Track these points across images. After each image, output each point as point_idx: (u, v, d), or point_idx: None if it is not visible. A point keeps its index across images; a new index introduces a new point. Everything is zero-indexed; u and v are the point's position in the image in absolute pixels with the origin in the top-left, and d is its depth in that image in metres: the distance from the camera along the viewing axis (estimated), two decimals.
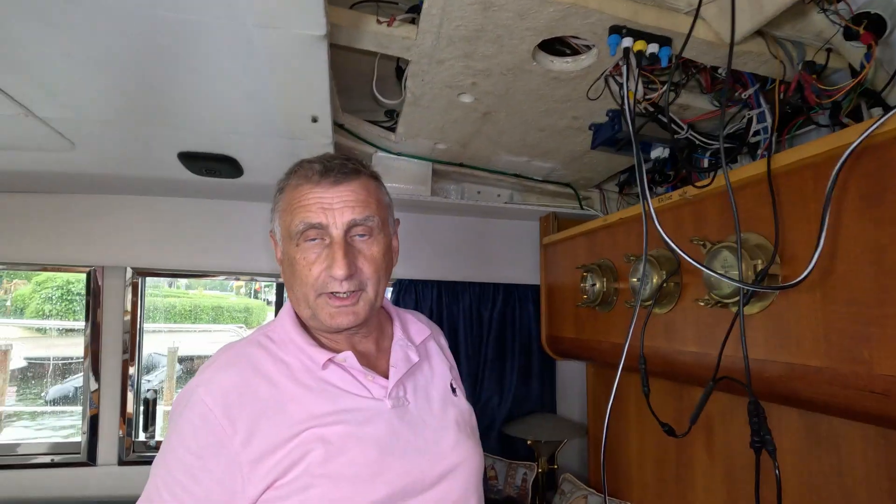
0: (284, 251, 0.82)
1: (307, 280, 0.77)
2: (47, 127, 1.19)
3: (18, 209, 1.71)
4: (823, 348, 0.80)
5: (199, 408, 0.70)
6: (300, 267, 0.78)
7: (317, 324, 0.81)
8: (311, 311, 0.79)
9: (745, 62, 0.97)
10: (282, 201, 0.82)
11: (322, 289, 0.77)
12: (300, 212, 0.78)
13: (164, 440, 0.74)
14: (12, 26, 0.81)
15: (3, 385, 6.81)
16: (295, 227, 0.78)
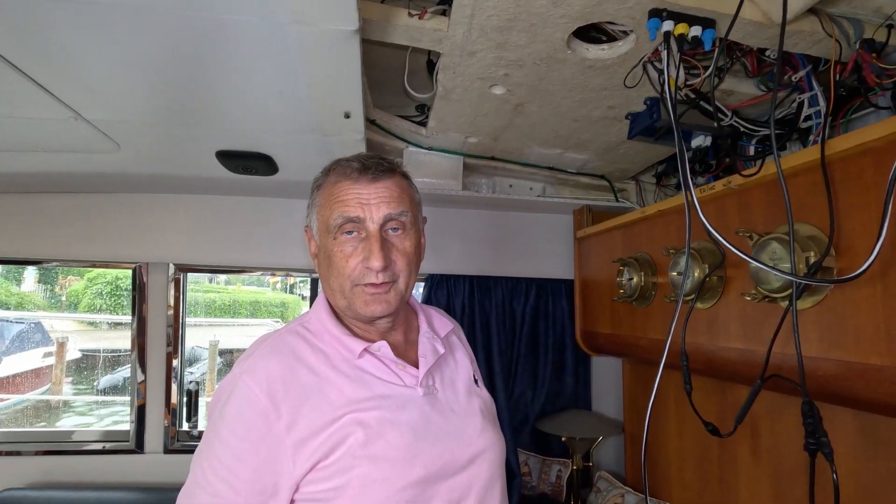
0: (321, 245, 0.86)
1: (344, 271, 0.82)
2: (95, 129, 1.24)
3: (67, 209, 1.79)
4: (885, 345, 0.75)
5: (245, 394, 0.74)
6: (337, 259, 0.82)
7: (352, 314, 0.85)
8: (346, 302, 0.83)
9: (796, 42, 0.92)
10: (319, 197, 0.86)
11: (358, 280, 0.81)
12: (339, 206, 0.82)
13: (208, 430, 0.76)
14: (64, 35, 0.84)
15: (60, 375, 7.22)
16: (333, 220, 0.82)
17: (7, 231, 1.76)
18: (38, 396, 6.87)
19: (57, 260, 1.84)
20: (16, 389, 6.58)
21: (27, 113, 1.15)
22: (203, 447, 0.75)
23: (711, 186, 1.12)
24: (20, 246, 1.77)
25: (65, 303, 10.29)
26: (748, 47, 1.00)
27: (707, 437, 1.07)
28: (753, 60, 1.04)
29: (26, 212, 1.77)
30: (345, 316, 0.87)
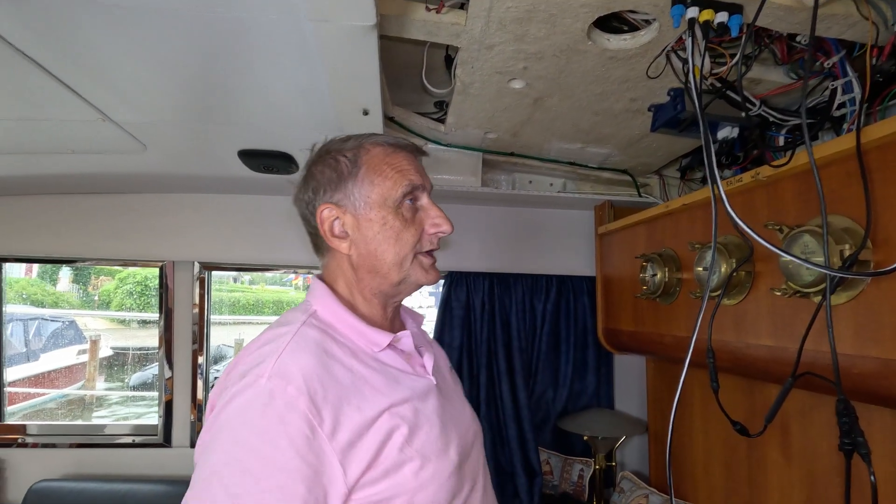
0: (370, 219, 0.79)
1: (408, 242, 0.80)
2: (122, 130, 1.27)
3: (97, 209, 1.85)
4: None
5: (282, 399, 0.63)
6: (400, 230, 0.79)
7: (402, 288, 0.83)
8: (401, 276, 0.81)
9: (829, 27, 0.88)
10: (363, 168, 0.80)
11: (420, 248, 0.81)
12: (401, 175, 0.80)
13: (231, 454, 0.61)
14: (93, 38, 0.86)
15: (94, 371, 7.47)
16: (398, 190, 0.79)
17: (40, 231, 1.83)
18: (73, 392, 7.12)
19: (87, 259, 1.89)
20: (52, 385, 6.84)
21: (58, 115, 1.19)
22: (225, 465, 0.61)
23: (739, 179, 1.08)
24: (53, 245, 1.84)
25: (97, 302, 10.65)
26: (777, 33, 0.97)
27: (735, 437, 1.04)
28: (783, 47, 1.00)
29: (58, 212, 1.83)
30: (359, 304, 0.83)
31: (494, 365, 1.93)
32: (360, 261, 0.81)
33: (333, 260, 0.84)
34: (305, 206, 0.85)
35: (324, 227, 0.81)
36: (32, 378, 6.51)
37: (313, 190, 0.83)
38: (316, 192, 0.82)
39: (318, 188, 0.82)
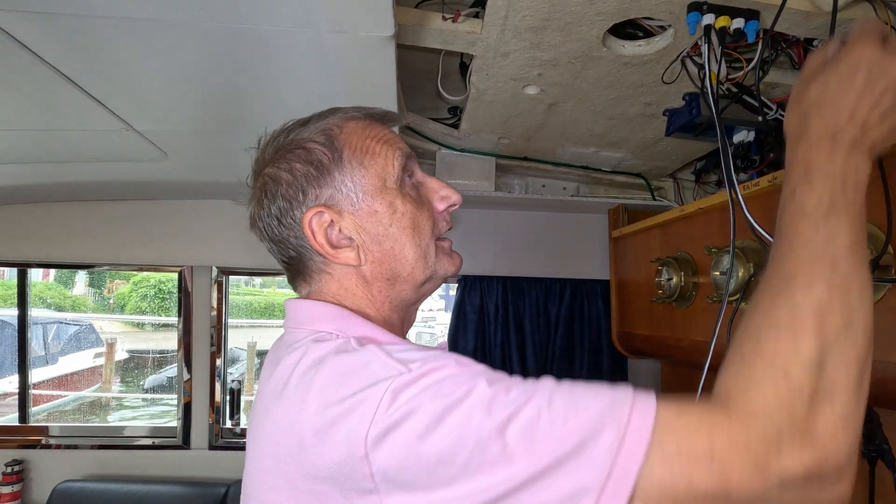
0: (377, 209, 0.62)
1: (426, 227, 0.64)
2: (144, 139, 1.30)
3: (117, 215, 1.89)
4: None
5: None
6: (414, 214, 0.63)
7: (428, 288, 0.67)
8: (427, 273, 0.64)
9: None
10: (345, 150, 0.62)
11: (438, 232, 0.66)
12: (388, 147, 0.63)
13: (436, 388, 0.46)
14: (119, 51, 0.89)
15: (110, 374, 7.60)
16: (393, 164, 0.63)
17: (63, 237, 1.87)
18: (90, 394, 7.25)
19: (108, 264, 1.94)
20: (71, 387, 6.97)
21: (82, 125, 1.22)
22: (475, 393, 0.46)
23: (756, 182, 1.08)
24: (76, 251, 1.88)
25: (112, 305, 10.83)
26: (794, 38, 0.97)
27: None
28: (800, 51, 1.00)
29: (79, 218, 1.88)
30: (379, 326, 0.62)
31: (508, 369, 1.93)
32: (375, 269, 0.62)
33: (332, 281, 0.63)
34: (277, 223, 0.63)
35: (317, 240, 0.60)
36: (51, 381, 6.64)
37: (285, 197, 0.62)
38: (291, 198, 0.61)
39: (293, 192, 0.61)
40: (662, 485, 0.42)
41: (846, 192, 0.48)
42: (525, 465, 0.42)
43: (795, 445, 0.42)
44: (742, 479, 0.41)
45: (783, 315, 0.46)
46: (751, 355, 0.46)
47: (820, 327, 0.44)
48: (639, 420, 0.43)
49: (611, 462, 0.41)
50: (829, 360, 0.44)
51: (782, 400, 0.43)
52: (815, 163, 0.50)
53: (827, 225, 0.47)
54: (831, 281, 0.45)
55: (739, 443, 0.42)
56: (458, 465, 0.43)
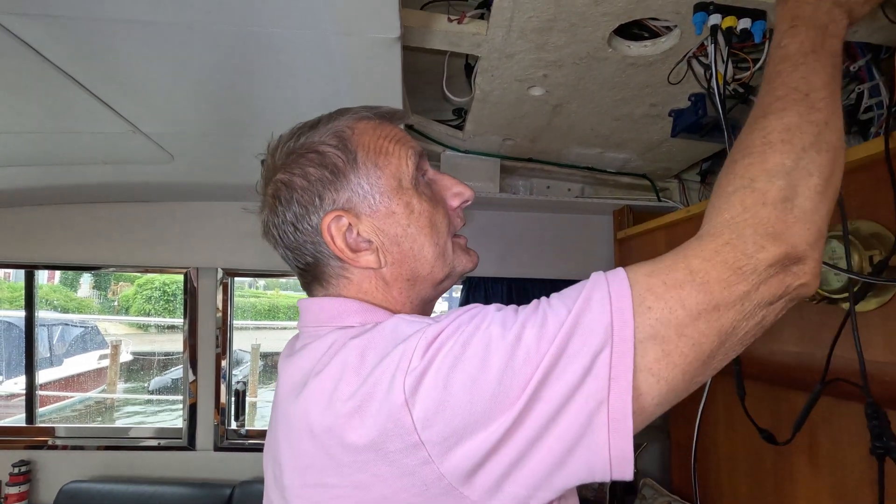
0: (395, 210, 0.62)
1: (443, 225, 0.64)
2: (151, 141, 1.31)
3: (124, 217, 1.90)
4: None
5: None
6: (431, 213, 0.63)
7: (446, 285, 0.67)
8: (446, 270, 0.65)
9: (854, 31, 0.87)
10: (359, 151, 0.62)
11: (454, 229, 0.66)
12: (401, 146, 0.63)
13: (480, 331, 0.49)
14: (127, 54, 0.90)
15: (115, 376, 7.64)
16: (407, 164, 0.63)
17: (70, 239, 1.89)
18: (95, 395, 7.28)
19: (115, 266, 1.95)
20: (75, 389, 7.00)
21: (90, 128, 1.23)
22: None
23: None
24: (83, 252, 1.89)
25: (117, 307, 10.88)
26: None
27: (760, 444, 1.03)
28: None
29: (86, 220, 1.89)
30: (405, 309, 0.64)
31: None
32: (396, 271, 0.62)
33: (351, 285, 0.63)
34: (293, 229, 0.63)
35: (337, 245, 0.60)
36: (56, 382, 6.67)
37: (300, 203, 0.61)
38: (307, 204, 0.61)
39: (309, 198, 0.61)
40: (663, 318, 0.46)
41: (826, 39, 0.55)
42: (545, 355, 0.45)
43: (764, 242, 0.47)
44: (723, 285, 0.46)
45: (756, 140, 0.51)
46: (724, 180, 0.52)
47: (787, 144, 0.49)
48: (615, 279, 0.49)
49: (609, 316, 0.46)
50: (793, 170, 0.49)
51: (747, 208, 0.48)
52: (801, 13, 0.56)
53: (806, 64, 0.53)
54: (802, 108, 0.51)
55: (711, 255, 0.47)
56: (491, 383, 0.45)
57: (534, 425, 0.45)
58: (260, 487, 1.78)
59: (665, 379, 0.46)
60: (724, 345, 0.48)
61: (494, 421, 0.45)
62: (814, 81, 0.52)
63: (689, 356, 0.46)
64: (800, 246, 0.47)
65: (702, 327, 0.46)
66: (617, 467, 0.45)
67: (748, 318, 0.47)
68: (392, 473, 0.47)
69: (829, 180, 0.49)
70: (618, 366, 0.45)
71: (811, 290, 0.49)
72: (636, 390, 0.45)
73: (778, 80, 0.54)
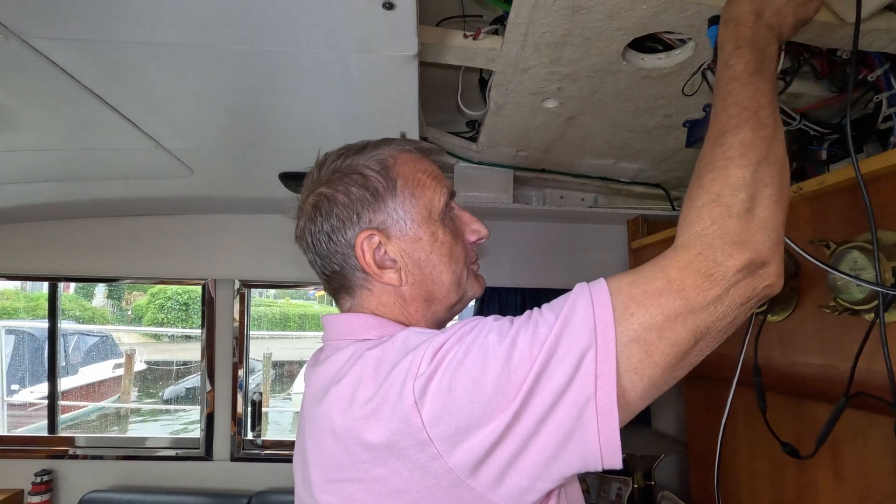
0: (422, 237, 0.69)
1: (461, 256, 0.71)
2: (172, 157, 1.34)
3: (144, 230, 1.94)
4: None
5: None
6: (451, 244, 0.70)
7: (458, 309, 0.74)
8: (459, 295, 0.72)
9: (871, 41, 0.87)
10: (399, 180, 0.69)
11: (468, 260, 0.73)
12: (437, 182, 0.71)
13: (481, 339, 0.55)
14: (151, 73, 0.92)
15: (128, 385, 7.71)
16: (440, 198, 0.70)
17: (92, 251, 1.93)
18: (110, 405, 7.36)
19: (135, 278, 1.99)
20: (91, 398, 7.09)
21: (114, 144, 1.26)
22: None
23: None
24: (103, 265, 1.93)
25: (130, 317, 11.02)
26: (817, 49, 0.96)
27: (782, 457, 1.01)
28: (823, 62, 0.99)
29: (108, 234, 1.93)
30: (420, 326, 0.70)
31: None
32: (414, 290, 0.69)
33: (371, 297, 0.69)
34: (327, 238, 0.69)
35: (365, 259, 0.67)
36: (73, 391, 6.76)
37: (339, 217, 0.68)
38: (345, 219, 0.68)
39: (347, 214, 0.68)
40: (645, 323, 0.51)
41: (764, 61, 0.62)
42: (538, 357, 0.51)
43: (731, 251, 0.52)
44: (697, 291, 0.51)
45: (717, 155, 0.57)
46: (693, 194, 0.57)
47: (744, 158, 0.55)
48: (596, 287, 0.54)
49: (592, 319, 0.51)
50: (752, 182, 0.54)
51: (715, 220, 0.53)
52: (742, 35, 0.63)
53: (752, 84, 0.59)
54: (754, 124, 0.57)
55: (686, 265, 0.53)
56: (491, 384, 0.51)
57: (531, 420, 0.50)
58: (277, 498, 1.78)
59: (647, 377, 0.52)
60: (699, 343, 0.53)
61: (495, 418, 0.50)
62: (760, 99, 0.58)
63: (669, 355, 0.52)
64: (763, 251, 0.52)
65: (679, 329, 0.51)
66: (607, 456, 0.50)
67: (721, 319, 0.53)
68: (405, 468, 0.53)
69: (780, 189, 0.55)
70: (602, 364, 0.50)
71: (776, 290, 0.55)
72: (622, 388, 0.51)
73: (730, 98, 0.60)
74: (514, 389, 0.50)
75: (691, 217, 0.55)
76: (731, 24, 0.65)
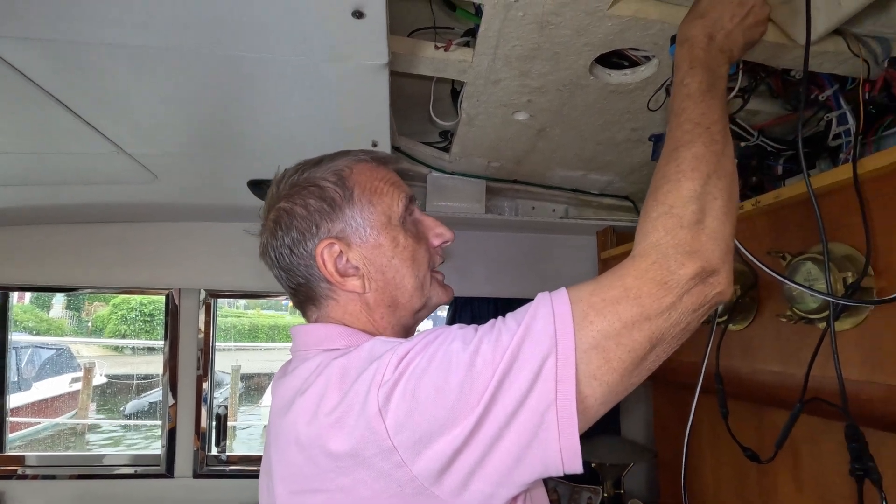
0: (381, 245, 0.70)
1: (424, 260, 0.72)
2: (135, 162, 1.30)
3: (105, 238, 1.86)
4: None
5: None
6: (414, 248, 0.71)
7: (423, 314, 0.75)
8: (423, 300, 0.73)
9: (821, 63, 0.92)
10: (356, 189, 0.71)
11: (433, 265, 0.75)
12: (395, 188, 0.73)
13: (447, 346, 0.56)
14: (113, 75, 0.90)
15: (87, 400, 7.36)
16: (399, 204, 0.72)
17: (51, 259, 1.84)
18: (66, 421, 7.00)
19: (95, 287, 1.90)
20: (46, 414, 6.73)
21: (73, 148, 1.22)
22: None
23: (741, 206, 1.11)
24: (61, 274, 1.84)
25: (90, 328, 10.55)
26: (772, 68, 1.01)
27: (745, 463, 1.04)
28: (778, 81, 1.04)
29: (66, 241, 1.85)
30: (387, 333, 0.71)
31: None
32: (378, 297, 0.70)
33: (337, 306, 0.71)
34: (289, 252, 0.70)
35: (327, 269, 0.68)
36: (26, 407, 6.41)
37: (299, 230, 0.70)
38: (305, 230, 0.69)
39: (306, 225, 0.69)
40: (603, 330, 0.53)
41: (716, 81, 0.66)
42: (500, 364, 0.51)
43: (684, 260, 0.55)
44: (653, 299, 0.54)
45: (671, 169, 0.60)
46: (649, 206, 0.60)
47: (696, 172, 0.58)
48: (557, 296, 0.56)
49: (552, 327, 0.52)
50: (702, 195, 0.57)
51: (668, 231, 0.56)
52: (696, 55, 0.67)
53: (704, 102, 0.63)
54: (705, 139, 0.60)
55: (642, 274, 0.55)
56: (454, 391, 0.51)
57: (493, 426, 0.51)
58: None
59: (606, 383, 0.53)
60: (655, 349, 0.55)
61: (458, 424, 0.51)
62: (712, 116, 0.62)
63: (626, 361, 0.53)
64: (713, 260, 0.55)
65: (636, 336, 0.53)
66: (567, 461, 0.51)
67: (675, 325, 0.55)
68: (370, 477, 0.53)
69: (729, 201, 0.59)
70: (562, 370, 0.51)
71: (726, 297, 0.58)
72: (581, 394, 0.52)
73: (684, 115, 0.63)
74: (476, 395, 0.51)
75: (647, 227, 0.58)
76: (686, 45, 0.69)
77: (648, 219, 0.59)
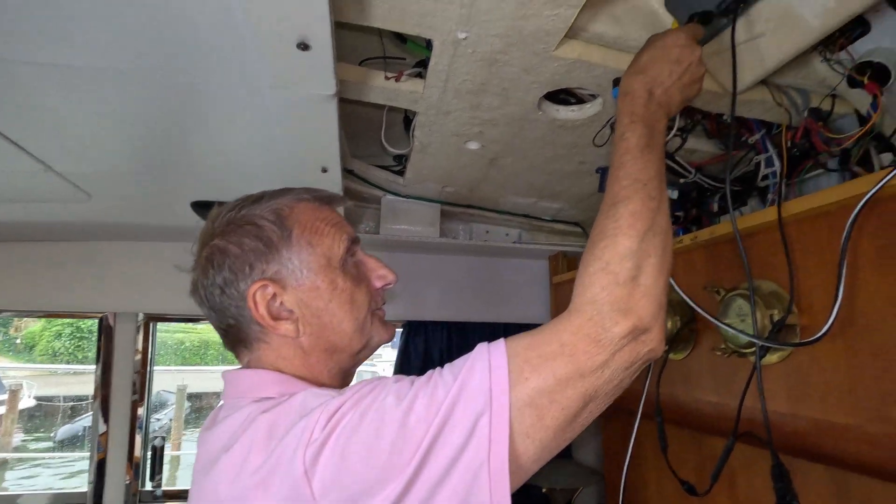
0: (319, 286, 0.67)
1: (364, 302, 0.70)
2: (64, 180, 1.22)
3: (33, 257, 1.73)
4: (849, 404, 0.77)
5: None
6: (353, 291, 0.69)
7: (364, 355, 0.73)
8: (363, 342, 0.71)
9: (749, 109, 0.98)
10: (294, 229, 0.68)
11: (373, 306, 0.73)
12: (337, 230, 0.70)
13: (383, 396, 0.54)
14: (41, 94, 0.84)
15: (10, 426, 6.76)
16: (339, 246, 0.69)
17: None
18: None
19: (22, 311, 1.76)
20: None
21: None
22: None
23: (680, 240, 1.16)
24: None
25: (20, 346, 9.76)
26: (707, 112, 1.07)
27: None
28: (713, 123, 1.10)
29: None
30: (322, 384, 0.68)
31: None
32: (313, 341, 0.67)
33: (269, 350, 0.67)
34: (220, 292, 0.67)
35: (259, 311, 0.65)
36: None
37: (231, 269, 0.66)
38: (237, 270, 0.66)
39: (240, 265, 0.66)
40: (538, 387, 0.53)
41: (654, 136, 0.67)
42: (434, 421, 0.50)
43: (618, 317, 0.55)
44: (587, 356, 0.54)
45: (609, 225, 0.61)
46: (587, 259, 0.61)
47: (632, 229, 0.59)
48: (495, 350, 0.55)
49: (488, 383, 0.52)
50: (638, 252, 0.58)
51: (604, 288, 0.56)
52: (636, 110, 0.68)
53: (643, 157, 0.64)
54: (643, 196, 0.61)
55: (578, 330, 0.55)
56: (385, 451, 0.50)
57: (426, 485, 0.49)
58: None
59: (539, 440, 0.53)
60: (588, 406, 0.55)
61: (390, 483, 0.49)
62: (649, 172, 0.63)
63: (559, 419, 0.53)
64: (645, 318, 0.56)
65: (570, 393, 0.53)
66: None
67: (608, 383, 0.56)
68: None
69: (663, 258, 0.60)
70: (496, 429, 0.51)
71: (658, 354, 0.59)
72: (514, 451, 0.51)
73: (622, 170, 0.64)
74: (409, 453, 0.49)
75: (585, 280, 0.59)
76: (627, 98, 0.70)
77: (586, 273, 0.59)
